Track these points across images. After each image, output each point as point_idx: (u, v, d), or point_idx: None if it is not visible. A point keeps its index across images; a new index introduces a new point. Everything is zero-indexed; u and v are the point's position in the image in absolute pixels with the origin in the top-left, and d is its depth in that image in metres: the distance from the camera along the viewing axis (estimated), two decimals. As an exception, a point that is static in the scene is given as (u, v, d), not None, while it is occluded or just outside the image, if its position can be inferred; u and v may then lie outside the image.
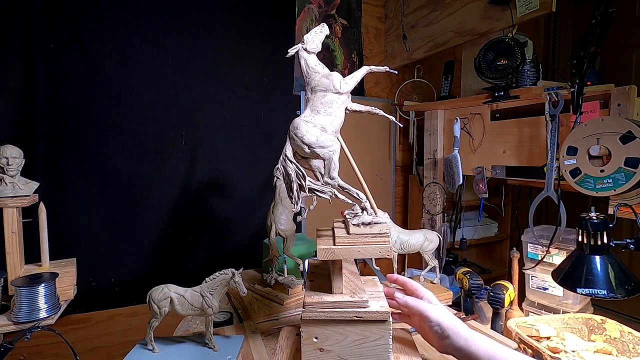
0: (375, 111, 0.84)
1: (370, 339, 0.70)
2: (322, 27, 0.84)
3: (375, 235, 0.74)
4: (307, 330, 0.72)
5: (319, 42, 0.83)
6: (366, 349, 0.71)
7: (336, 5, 2.10)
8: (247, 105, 1.85)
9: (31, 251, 1.24)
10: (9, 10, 1.40)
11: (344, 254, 0.74)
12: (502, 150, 1.57)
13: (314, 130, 0.79)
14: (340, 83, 0.81)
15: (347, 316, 0.70)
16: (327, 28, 0.84)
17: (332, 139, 0.81)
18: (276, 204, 1.31)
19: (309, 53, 0.84)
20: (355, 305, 0.70)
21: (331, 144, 0.80)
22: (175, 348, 0.92)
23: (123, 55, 1.58)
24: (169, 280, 0.96)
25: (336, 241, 0.76)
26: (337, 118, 0.83)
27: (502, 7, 1.50)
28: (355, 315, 0.70)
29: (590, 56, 1.15)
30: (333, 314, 0.70)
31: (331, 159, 0.80)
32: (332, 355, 0.72)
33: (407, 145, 2.35)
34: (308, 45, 0.83)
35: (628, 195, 1.08)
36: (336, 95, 0.83)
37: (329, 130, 0.82)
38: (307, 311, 0.71)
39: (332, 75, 0.82)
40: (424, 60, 2.20)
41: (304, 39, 0.83)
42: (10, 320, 1.00)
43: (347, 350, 0.71)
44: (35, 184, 1.21)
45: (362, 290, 0.75)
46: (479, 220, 2.00)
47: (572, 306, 1.28)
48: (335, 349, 0.72)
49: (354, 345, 0.71)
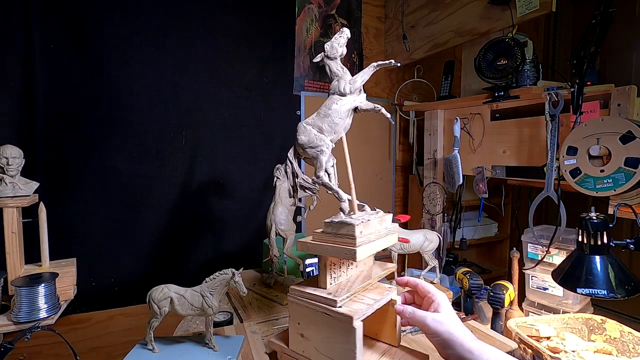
0: (379, 109, 0.86)
1: (338, 340, 0.72)
2: (341, 32, 0.85)
3: (342, 236, 0.75)
4: (292, 312, 0.80)
5: (339, 46, 0.85)
6: (336, 349, 0.73)
7: (336, 5, 2.10)
8: (247, 105, 1.85)
9: (31, 251, 1.24)
10: (9, 10, 1.40)
11: (315, 249, 0.78)
12: (502, 150, 1.57)
13: (309, 132, 0.84)
14: (344, 85, 0.84)
15: (318, 309, 0.75)
16: (348, 31, 0.84)
17: (322, 139, 0.84)
18: (276, 204, 1.31)
19: (330, 59, 0.85)
20: (325, 302, 0.74)
21: (320, 144, 0.83)
22: (175, 348, 0.92)
23: (123, 55, 1.58)
24: (169, 280, 0.96)
25: (313, 237, 0.80)
26: (337, 119, 0.84)
27: (502, 7, 1.50)
28: (323, 311, 0.74)
29: (590, 56, 1.15)
30: (307, 304, 0.77)
31: (317, 157, 0.84)
32: (310, 345, 0.77)
33: (407, 145, 2.35)
34: (329, 52, 0.85)
35: (628, 195, 1.08)
36: (337, 97, 0.85)
37: (326, 131, 0.85)
38: (290, 295, 0.80)
39: (342, 78, 0.84)
40: (424, 60, 2.21)
41: (325, 47, 0.85)
42: (10, 320, 1.00)
43: (321, 344, 0.76)
44: (35, 184, 1.21)
45: (345, 291, 0.76)
46: (479, 220, 2.01)
47: (572, 306, 1.28)
48: (313, 339, 0.77)
49: (327, 342, 0.75)
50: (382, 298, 0.79)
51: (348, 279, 0.85)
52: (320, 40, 2.05)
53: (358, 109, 0.85)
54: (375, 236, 0.78)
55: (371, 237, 0.77)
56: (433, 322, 0.65)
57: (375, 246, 0.78)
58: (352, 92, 0.84)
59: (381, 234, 0.79)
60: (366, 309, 0.74)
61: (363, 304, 0.75)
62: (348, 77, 0.85)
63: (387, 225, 0.84)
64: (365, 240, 0.75)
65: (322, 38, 2.06)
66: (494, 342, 0.97)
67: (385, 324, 0.84)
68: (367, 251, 0.75)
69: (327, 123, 0.84)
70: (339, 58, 0.85)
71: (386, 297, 0.80)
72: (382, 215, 0.83)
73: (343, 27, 0.84)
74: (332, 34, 2.09)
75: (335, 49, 0.84)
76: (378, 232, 0.79)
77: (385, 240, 0.81)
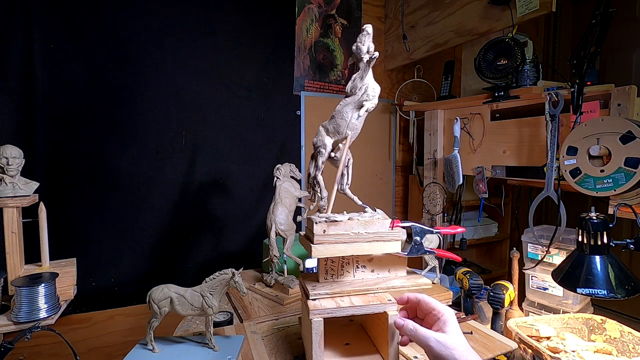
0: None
1: (308, 330, 0.79)
2: (362, 31, 0.81)
3: (310, 232, 0.80)
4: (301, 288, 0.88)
5: (362, 45, 0.81)
6: (308, 338, 0.80)
7: (336, 5, 2.10)
8: (247, 105, 1.85)
9: (31, 251, 1.24)
10: (9, 10, 1.40)
11: (302, 242, 0.87)
12: (502, 150, 1.57)
13: (320, 133, 0.88)
14: (348, 85, 0.86)
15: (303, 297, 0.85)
16: (368, 27, 0.80)
17: (322, 141, 0.87)
18: (276, 204, 1.31)
19: (359, 61, 0.83)
20: (304, 293, 0.83)
21: (320, 145, 0.87)
22: (175, 348, 0.92)
23: (123, 55, 1.58)
24: (169, 280, 0.96)
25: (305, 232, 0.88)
26: (340, 119, 0.86)
27: (502, 7, 1.50)
28: (304, 300, 0.83)
29: (590, 56, 1.15)
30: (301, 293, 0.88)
31: (316, 158, 0.89)
32: (304, 325, 0.88)
33: (407, 145, 2.35)
34: (356, 53, 0.82)
35: (628, 195, 1.08)
36: (344, 98, 0.87)
37: (331, 132, 0.88)
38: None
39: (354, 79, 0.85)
40: (424, 60, 2.20)
41: (352, 50, 0.82)
42: (10, 320, 1.00)
43: (305, 329, 0.84)
44: (35, 184, 1.21)
45: (329, 287, 0.81)
46: (479, 220, 2.01)
47: (572, 306, 1.28)
48: (304, 317, 0.86)
49: (306, 328, 0.82)
50: (365, 306, 0.77)
51: (353, 280, 0.85)
52: (320, 40, 2.05)
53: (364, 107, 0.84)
54: (350, 239, 0.78)
55: (342, 238, 0.77)
56: (437, 344, 0.59)
57: (349, 249, 0.77)
58: (351, 91, 0.84)
59: (364, 238, 0.78)
60: (333, 310, 0.75)
61: (337, 304, 0.77)
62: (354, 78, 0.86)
63: (378, 230, 0.80)
64: (331, 240, 0.76)
65: (322, 38, 2.06)
66: (494, 342, 0.97)
67: (385, 339, 0.81)
68: (329, 252, 0.77)
69: (332, 124, 0.86)
70: (365, 57, 0.81)
71: (371, 307, 0.77)
72: (368, 219, 0.80)
73: (364, 26, 0.81)
74: (332, 34, 2.09)
75: (359, 49, 0.81)
76: (356, 235, 0.78)
77: (372, 246, 0.79)
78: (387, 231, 0.80)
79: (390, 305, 0.78)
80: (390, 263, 0.87)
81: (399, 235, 0.81)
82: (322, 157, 0.86)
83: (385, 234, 0.80)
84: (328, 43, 2.08)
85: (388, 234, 0.80)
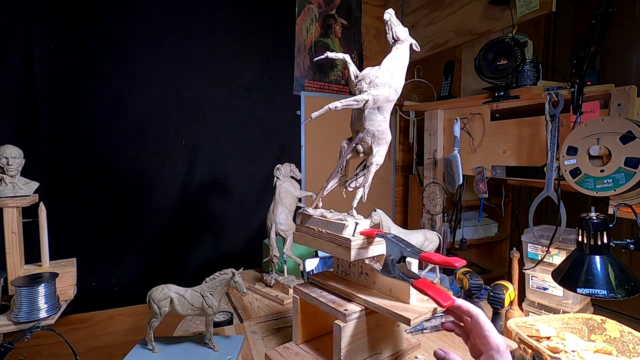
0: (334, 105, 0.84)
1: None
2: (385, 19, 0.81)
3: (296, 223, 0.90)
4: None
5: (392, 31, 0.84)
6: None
7: (336, 5, 2.10)
8: (247, 105, 1.85)
9: (31, 251, 1.24)
10: (9, 10, 1.40)
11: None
12: (502, 150, 1.57)
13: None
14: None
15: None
16: (390, 11, 0.81)
17: (342, 143, 0.93)
18: (276, 204, 1.31)
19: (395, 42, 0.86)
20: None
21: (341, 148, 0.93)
22: (175, 348, 0.92)
23: (123, 55, 1.58)
24: (169, 280, 0.96)
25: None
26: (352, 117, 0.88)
27: (502, 7, 1.50)
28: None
29: (590, 56, 1.14)
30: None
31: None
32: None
33: (407, 145, 2.35)
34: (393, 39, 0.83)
35: (628, 195, 1.08)
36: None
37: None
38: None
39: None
40: (424, 60, 2.20)
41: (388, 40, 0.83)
42: (10, 320, 1.00)
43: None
44: (35, 184, 1.21)
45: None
46: (479, 220, 2.01)
47: (572, 306, 1.28)
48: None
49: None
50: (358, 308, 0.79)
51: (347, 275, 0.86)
52: (320, 40, 2.05)
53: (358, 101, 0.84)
54: (314, 234, 0.82)
55: (311, 232, 0.83)
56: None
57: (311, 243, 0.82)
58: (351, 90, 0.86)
59: (324, 237, 0.80)
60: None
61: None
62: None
63: (335, 232, 0.78)
64: (304, 232, 0.84)
65: (322, 38, 2.06)
66: (494, 342, 0.97)
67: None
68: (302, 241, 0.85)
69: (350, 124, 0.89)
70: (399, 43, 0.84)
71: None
72: (329, 220, 0.80)
73: (386, 11, 0.80)
74: (332, 34, 2.09)
75: (392, 34, 0.84)
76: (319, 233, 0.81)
77: (330, 247, 0.78)
78: (345, 236, 0.76)
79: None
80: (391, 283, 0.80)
81: (359, 244, 0.76)
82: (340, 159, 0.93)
83: (340, 239, 0.76)
84: (328, 43, 2.08)
85: (344, 240, 0.76)
